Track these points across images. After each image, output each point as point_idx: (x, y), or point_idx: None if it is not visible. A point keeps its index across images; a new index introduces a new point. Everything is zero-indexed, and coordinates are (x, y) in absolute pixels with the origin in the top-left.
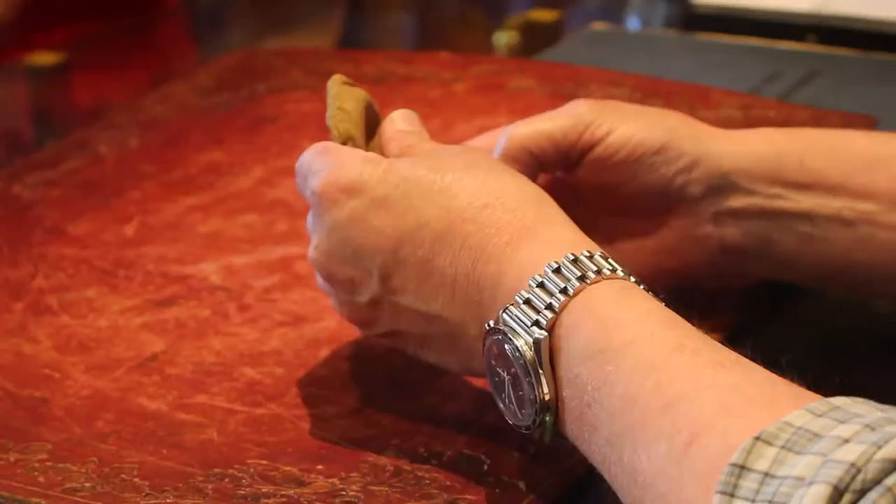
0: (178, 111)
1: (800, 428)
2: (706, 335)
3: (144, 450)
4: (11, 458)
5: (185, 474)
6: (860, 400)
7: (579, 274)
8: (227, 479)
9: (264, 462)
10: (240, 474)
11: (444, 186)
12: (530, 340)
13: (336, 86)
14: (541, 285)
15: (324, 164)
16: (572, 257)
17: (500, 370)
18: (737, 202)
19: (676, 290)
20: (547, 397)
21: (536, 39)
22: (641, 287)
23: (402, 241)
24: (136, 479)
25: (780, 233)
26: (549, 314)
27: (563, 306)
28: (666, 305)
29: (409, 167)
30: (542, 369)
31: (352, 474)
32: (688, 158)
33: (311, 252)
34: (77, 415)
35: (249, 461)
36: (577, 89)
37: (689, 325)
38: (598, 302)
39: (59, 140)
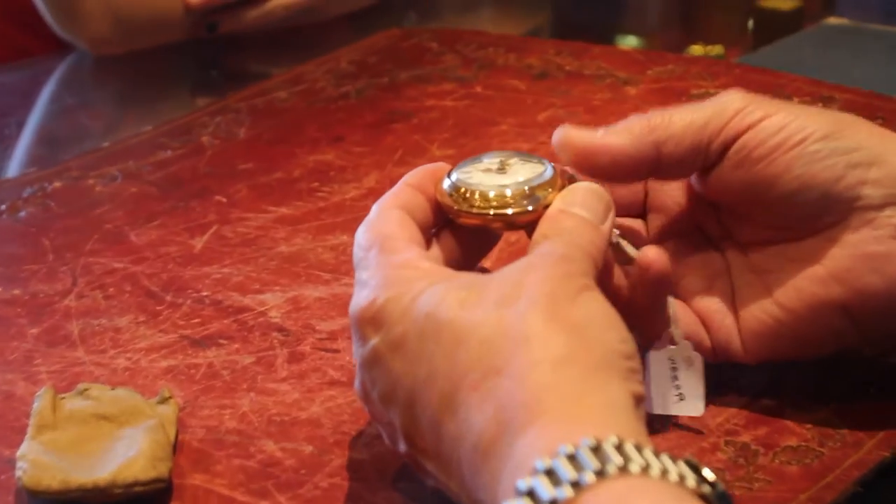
0: (303, 98)
1: None
2: None
3: None
4: None
5: None
6: None
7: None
8: None
9: None
10: None
11: (458, 330)
12: None
13: None
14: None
15: (368, 273)
16: (593, 443)
17: None
18: None
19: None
20: None
21: (771, 30)
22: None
23: (414, 394)
24: None
25: None
26: None
27: None
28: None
29: (437, 296)
30: None
31: None
32: (864, 152)
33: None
34: None
35: None
36: None
37: None
38: None
39: (163, 123)
